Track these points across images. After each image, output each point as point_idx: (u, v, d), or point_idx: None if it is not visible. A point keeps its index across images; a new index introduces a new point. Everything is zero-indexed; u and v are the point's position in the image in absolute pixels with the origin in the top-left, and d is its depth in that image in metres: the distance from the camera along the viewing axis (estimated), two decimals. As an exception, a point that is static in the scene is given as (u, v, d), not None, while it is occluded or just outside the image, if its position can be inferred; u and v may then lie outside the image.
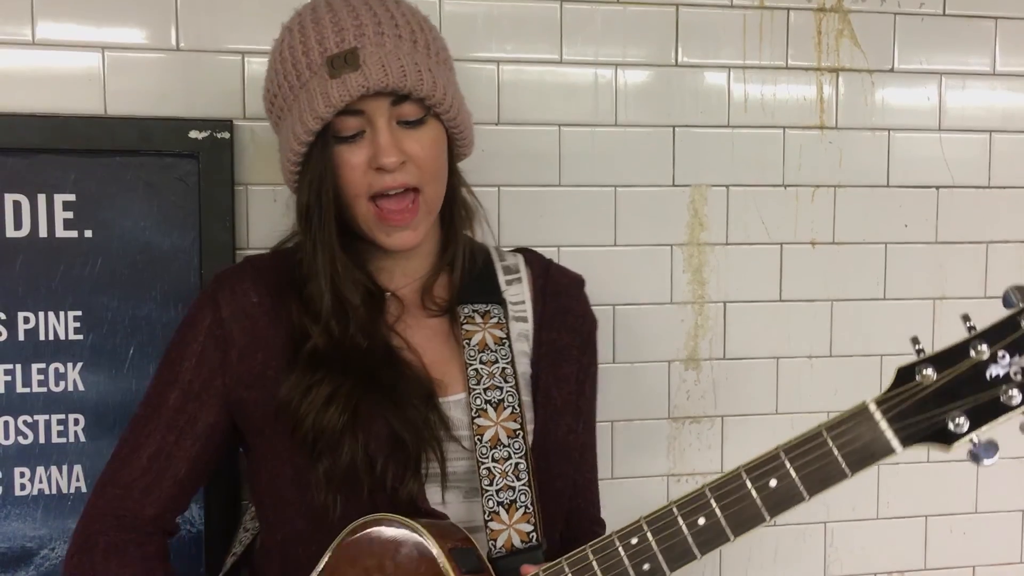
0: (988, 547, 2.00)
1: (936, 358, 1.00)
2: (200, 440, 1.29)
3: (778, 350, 1.89)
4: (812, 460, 1.02)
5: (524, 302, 1.39)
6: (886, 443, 1.00)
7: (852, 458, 1.01)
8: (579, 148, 1.78)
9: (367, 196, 1.24)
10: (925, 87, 1.91)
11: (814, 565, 1.94)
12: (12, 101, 1.57)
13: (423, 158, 1.24)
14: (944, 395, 0.99)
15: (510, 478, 1.24)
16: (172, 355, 1.31)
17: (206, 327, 1.29)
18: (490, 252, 1.43)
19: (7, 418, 1.58)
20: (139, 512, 1.27)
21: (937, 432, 0.99)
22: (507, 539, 1.22)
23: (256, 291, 1.30)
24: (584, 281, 1.47)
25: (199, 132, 1.60)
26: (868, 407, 1.01)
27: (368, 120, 1.22)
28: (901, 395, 1.00)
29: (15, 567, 1.58)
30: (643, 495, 1.62)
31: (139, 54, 1.61)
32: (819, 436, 1.03)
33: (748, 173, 1.85)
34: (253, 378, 1.27)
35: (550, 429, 1.32)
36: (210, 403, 1.28)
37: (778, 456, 1.04)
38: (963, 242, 1.94)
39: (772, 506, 1.04)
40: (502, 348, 1.31)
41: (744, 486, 1.04)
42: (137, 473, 1.27)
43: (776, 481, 1.03)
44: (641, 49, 1.79)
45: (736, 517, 1.05)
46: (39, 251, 1.57)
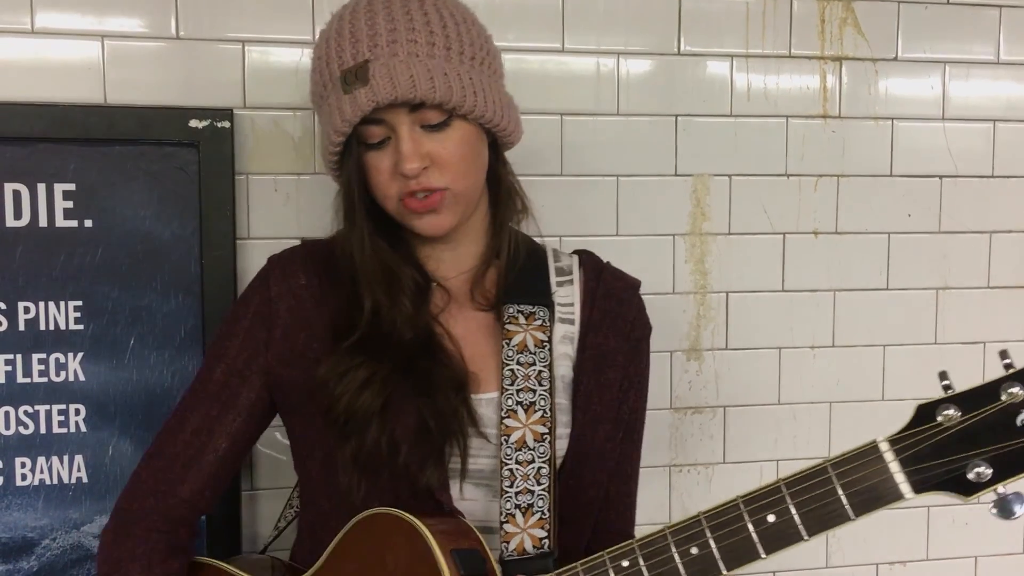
0: (990, 538, 2.00)
1: (961, 397, 0.93)
2: (241, 415, 1.30)
3: (780, 340, 1.88)
4: (814, 498, 0.97)
5: (573, 304, 1.36)
6: (895, 488, 0.95)
7: (856, 500, 0.96)
8: (581, 137, 1.77)
9: (396, 198, 1.25)
10: (929, 76, 1.90)
11: (816, 555, 1.94)
12: (11, 90, 1.56)
13: (447, 160, 1.23)
14: (967, 439, 0.91)
15: (531, 482, 1.23)
16: (222, 332, 1.34)
17: (255, 305, 1.31)
18: (547, 252, 1.41)
19: (8, 408, 1.58)
20: (177, 489, 1.28)
21: (954, 480, 0.93)
22: (519, 543, 1.21)
23: (305, 273, 1.32)
24: (639, 284, 1.43)
25: (199, 121, 1.59)
26: (879, 447, 0.96)
27: (391, 127, 1.22)
28: (917, 436, 0.94)
29: (16, 557, 1.58)
30: (645, 486, 1.60)
31: (139, 43, 1.61)
32: (824, 473, 0.97)
33: (751, 163, 1.84)
34: (294, 357, 1.28)
35: (587, 435, 1.30)
36: (252, 379, 1.30)
37: (779, 490, 0.99)
38: (966, 232, 1.93)
39: (768, 542, 1.00)
40: (542, 351, 1.29)
41: (741, 518, 1.00)
42: (180, 446, 1.30)
43: (774, 517, 0.99)
44: (643, 38, 1.79)
45: (730, 550, 1.01)
46: (39, 241, 1.57)
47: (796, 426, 1.89)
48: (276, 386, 1.31)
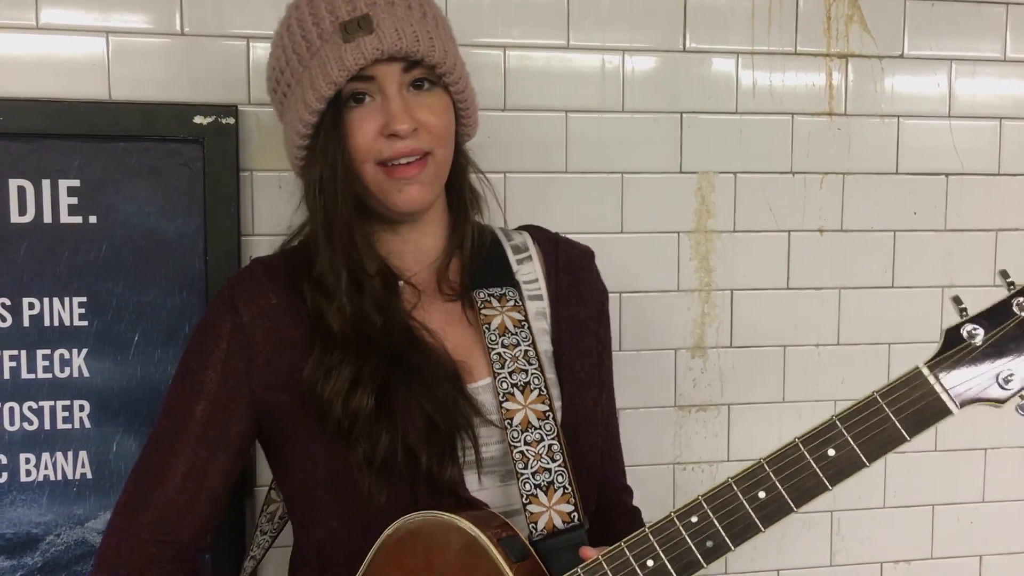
0: (995, 536, 2.00)
1: (981, 317, 1.03)
2: (233, 452, 1.25)
3: (785, 338, 1.88)
4: (870, 427, 1.04)
5: (537, 280, 1.37)
6: (943, 405, 1.03)
7: (909, 422, 1.03)
8: (586, 134, 1.77)
9: (375, 161, 1.22)
10: (935, 74, 1.89)
11: (820, 554, 1.93)
12: (16, 86, 1.56)
13: (433, 123, 1.23)
14: (994, 354, 1.01)
15: (544, 460, 1.23)
16: (192, 365, 1.26)
17: (227, 333, 1.24)
18: (496, 233, 1.41)
19: (12, 404, 1.58)
20: (178, 535, 1.23)
21: (989, 389, 1.02)
22: (548, 521, 1.21)
23: (274, 291, 1.26)
24: (593, 252, 1.44)
25: (204, 117, 1.59)
26: (922, 371, 1.03)
27: (379, 86, 1.21)
28: (952, 356, 1.02)
29: (21, 553, 1.58)
30: (649, 483, 1.61)
31: (143, 39, 1.61)
32: (874, 403, 1.04)
33: (756, 160, 1.84)
34: (282, 381, 1.24)
35: (576, 403, 1.31)
36: (238, 412, 1.24)
37: (835, 425, 1.05)
38: (972, 230, 1.93)
39: (833, 475, 1.05)
40: (522, 330, 1.29)
41: (803, 457, 1.05)
42: (172, 493, 1.22)
43: (834, 450, 1.05)
44: (648, 35, 1.78)
45: (797, 489, 1.06)
46: (44, 237, 1.57)
47: (801, 424, 1.85)
48: (265, 414, 1.26)
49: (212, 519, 1.26)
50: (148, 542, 1.22)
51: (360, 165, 1.23)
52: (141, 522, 1.22)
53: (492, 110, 1.71)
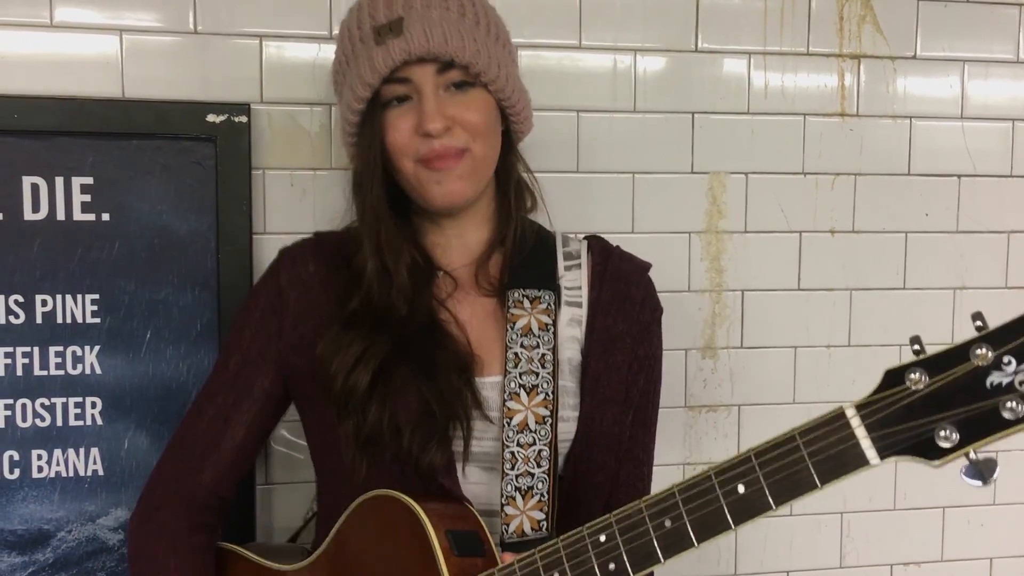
0: (1005, 539, 1.99)
1: (930, 361, 0.89)
2: (256, 404, 1.33)
3: (796, 339, 1.88)
4: (783, 467, 0.94)
5: (580, 287, 1.37)
6: (860, 454, 0.91)
7: (823, 468, 0.92)
8: (597, 134, 1.77)
9: (412, 158, 1.26)
10: (948, 75, 1.89)
11: (830, 555, 1.93)
12: (30, 84, 1.57)
13: (469, 120, 1.26)
14: (934, 403, 0.88)
15: (531, 464, 1.24)
16: (237, 322, 1.37)
17: (266, 295, 1.34)
18: (556, 238, 1.42)
19: (25, 401, 1.58)
20: (198, 475, 1.32)
21: (921, 445, 0.89)
22: (519, 525, 1.22)
23: (314, 261, 1.34)
24: (649, 267, 1.42)
25: (216, 116, 1.59)
26: (845, 412, 0.92)
27: (415, 88, 1.24)
28: (884, 400, 0.90)
29: (32, 549, 1.59)
30: (659, 483, 1.59)
31: (157, 37, 1.61)
32: (792, 441, 0.94)
33: (767, 161, 1.83)
34: (305, 345, 1.30)
35: (595, 418, 1.30)
36: (265, 368, 1.32)
37: (749, 460, 0.96)
38: (984, 231, 1.92)
39: (737, 513, 0.97)
40: (546, 334, 1.29)
41: (713, 490, 0.98)
42: (199, 435, 1.33)
43: (744, 487, 0.96)
44: (660, 35, 1.78)
45: (701, 522, 0.98)
46: (57, 234, 1.57)
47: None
48: (290, 375, 1.33)
49: (233, 466, 1.35)
50: (171, 477, 1.34)
51: (399, 160, 1.27)
52: (171, 456, 1.35)
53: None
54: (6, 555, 1.58)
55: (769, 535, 1.89)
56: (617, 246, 1.44)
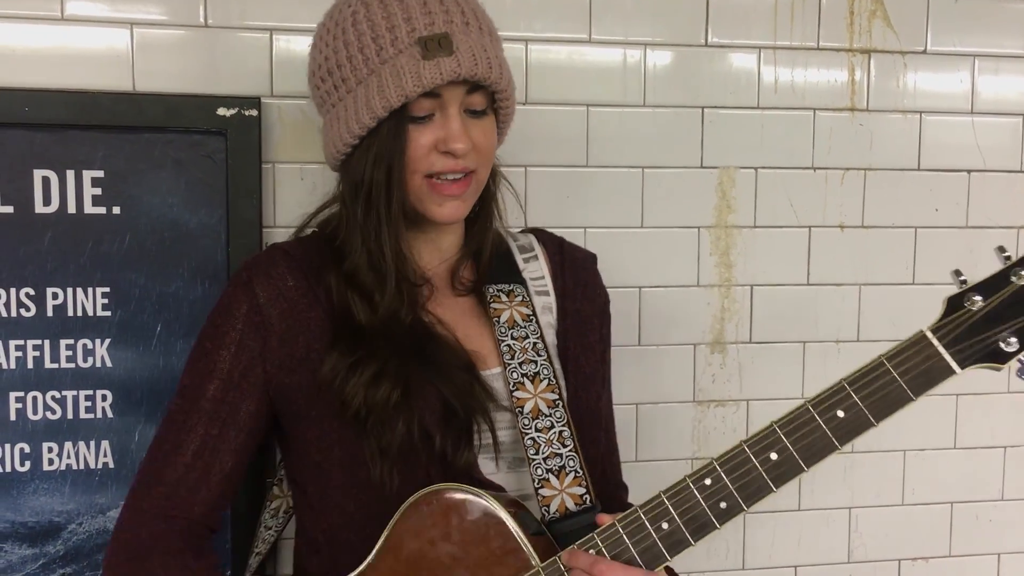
0: (1013, 535, 1.99)
1: (981, 286, 1.08)
2: (244, 431, 1.27)
3: (805, 334, 1.88)
4: (877, 388, 1.08)
5: (543, 276, 1.41)
6: (946, 365, 1.07)
7: (915, 382, 1.07)
8: (607, 129, 1.77)
9: (424, 174, 1.25)
10: (958, 70, 1.89)
11: (838, 550, 1.93)
12: (42, 77, 1.57)
13: (484, 146, 1.28)
14: (993, 319, 1.07)
15: (556, 446, 1.27)
16: (207, 345, 1.28)
17: (243, 314, 1.27)
18: (502, 234, 1.45)
19: (36, 393, 1.59)
20: (188, 512, 1.26)
21: (991, 353, 1.07)
22: (560, 503, 1.25)
23: (292, 275, 1.29)
24: (596, 257, 1.49)
25: (227, 109, 1.59)
26: (926, 335, 1.08)
27: (441, 104, 1.24)
28: (954, 321, 1.08)
29: (43, 541, 1.60)
30: (667, 478, 1.59)
31: (167, 31, 1.61)
32: (881, 366, 1.08)
33: (777, 155, 1.83)
34: (296, 362, 1.26)
35: (580, 396, 1.36)
36: (251, 392, 1.27)
37: (843, 388, 1.09)
38: (994, 227, 1.92)
39: (842, 435, 1.09)
40: (530, 324, 1.34)
41: (813, 419, 1.09)
42: (182, 470, 1.25)
43: (843, 412, 1.08)
44: (670, 29, 1.78)
45: (808, 449, 1.09)
46: (68, 227, 1.58)
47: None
48: (279, 395, 1.28)
49: (223, 497, 1.29)
50: (158, 517, 1.25)
51: (410, 175, 1.25)
52: (152, 497, 1.26)
53: (513, 104, 1.71)
54: (17, 547, 1.59)
55: (777, 530, 1.90)
56: (562, 237, 1.49)
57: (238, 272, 1.32)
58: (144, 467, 1.29)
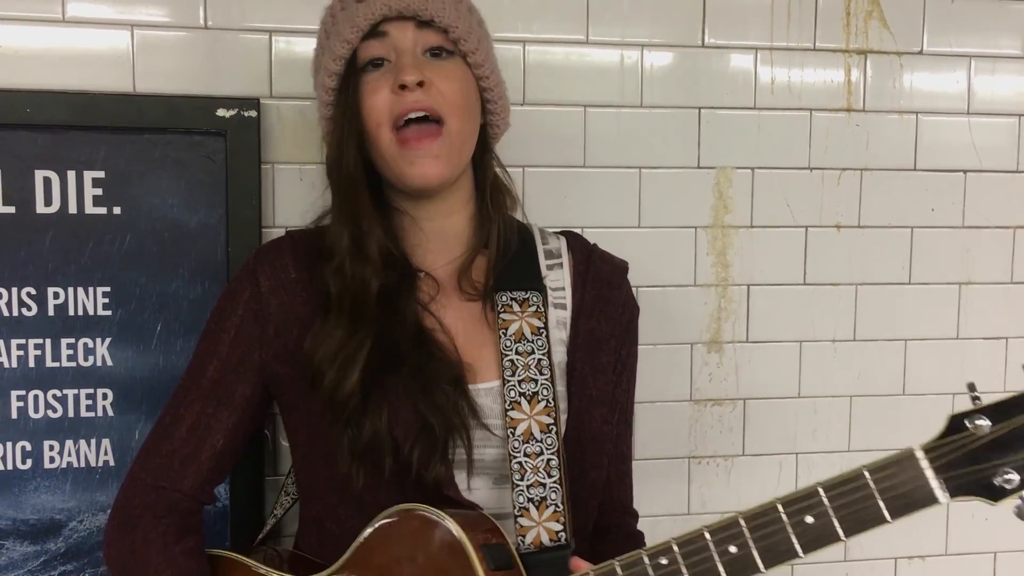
0: (1010, 533, 1.99)
1: (992, 408, 0.97)
2: (237, 411, 1.31)
3: (802, 334, 1.88)
4: (853, 502, 1.00)
5: (563, 288, 1.37)
6: (930, 492, 0.98)
7: (894, 504, 0.99)
8: (604, 129, 1.78)
9: (390, 124, 1.24)
10: (954, 70, 1.89)
11: (835, 549, 1.91)
12: (43, 78, 1.58)
13: (446, 88, 1.25)
14: (996, 448, 0.96)
15: (541, 474, 1.23)
16: (212, 327, 1.33)
17: (245, 300, 1.31)
18: (534, 234, 1.41)
19: (37, 392, 1.60)
20: (178, 484, 1.29)
21: (985, 487, 0.97)
22: (536, 536, 1.22)
23: (295, 266, 1.31)
24: (627, 267, 1.45)
25: (227, 110, 1.61)
26: (915, 454, 0.99)
27: (392, 44, 1.24)
28: (951, 444, 0.97)
29: (44, 538, 1.61)
30: (664, 476, 1.62)
31: (167, 32, 1.62)
32: (861, 477, 1.00)
33: (774, 156, 1.84)
34: (289, 354, 1.28)
35: (584, 420, 1.31)
36: (246, 375, 1.30)
37: (816, 493, 1.01)
38: (990, 227, 1.93)
39: (807, 543, 1.01)
40: (539, 338, 1.29)
41: (780, 519, 1.02)
42: (177, 443, 1.30)
43: (813, 519, 1.01)
44: (667, 30, 1.79)
45: (769, 550, 1.02)
46: (69, 227, 1.59)
47: (816, 420, 1.90)
48: (273, 383, 1.31)
49: (213, 472, 1.32)
50: (150, 487, 1.30)
51: (375, 130, 1.25)
52: (147, 468, 1.31)
53: (511, 105, 1.71)
54: (19, 544, 1.60)
55: None
56: (595, 244, 1.44)
57: (248, 259, 1.36)
58: (148, 436, 1.34)
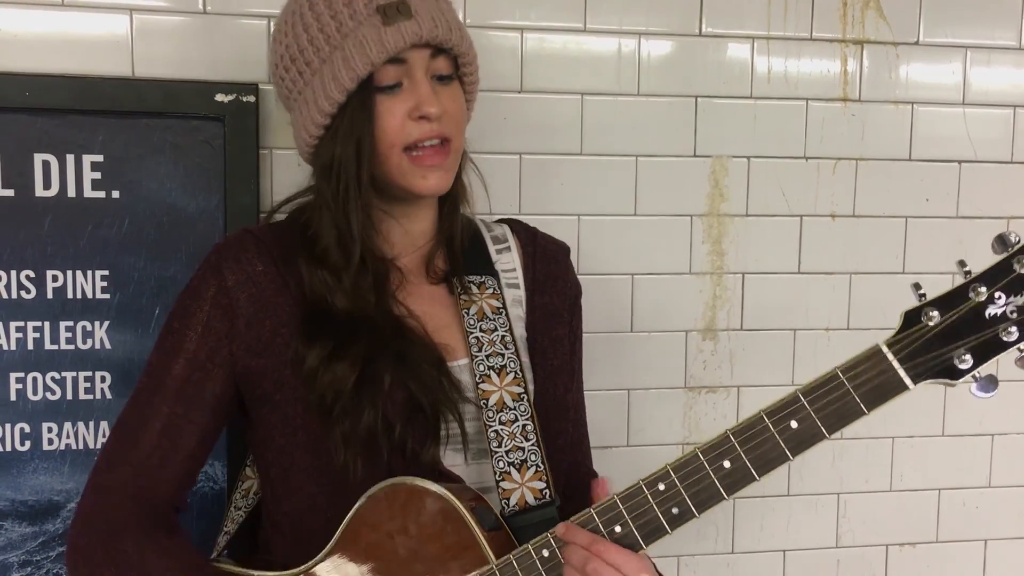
0: (1000, 521, 2.02)
1: (939, 301, 1.08)
2: (208, 411, 1.29)
3: (795, 322, 1.90)
4: (831, 401, 1.08)
5: (515, 269, 1.43)
6: (899, 380, 1.07)
7: (868, 396, 1.08)
8: (601, 117, 1.79)
9: (401, 147, 1.26)
10: (950, 61, 1.90)
11: (827, 535, 1.95)
12: (43, 62, 1.59)
13: (453, 111, 1.29)
14: (949, 335, 1.06)
15: (518, 439, 1.28)
16: (174, 325, 1.30)
17: (211, 296, 1.28)
18: (478, 224, 1.46)
19: (36, 374, 1.61)
20: (154, 492, 1.27)
21: (945, 369, 1.06)
22: (520, 497, 1.26)
23: (260, 259, 1.31)
24: (569, 249, 1.50)
25: (225, 95, 1.61)
26: (881, 349, 1.08)
27: (407, 71, 1.26)
28: (910, 336, 1.08)
29: (43, 519, 1.62)
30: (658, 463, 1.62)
31: (166, 17, 1.63)
32: (836, 378, 1.09)
33: (770, 145, 1.85)
34: (263, 346, 1.28)
35: (548, 389, 1.37)
36: (216, 372, 1.28)
37: (797, 399, 1.09)
38: (984, 217, 1.94)
39: (794, 446, 1.09)
40: (499, 317, 1.35)
41: (767, 429, 1.10)
42: (148, 449, 1.27)
43: (797, 423, 1.09)
44: (665, 19, 1.79)
45: (760, 458, 1.10)
46: (67, 211, 1.59)
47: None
48: (244, 378, 1.29)
49: (188, 476, 1.31)
50: (125, 497, 1.26)
51: (387, 150, 1.26)
52: (119, 479, 1.27)
53: (508, 92, 1.73)
54: (17, 525, 1.61)
55: (766, 514, 1.92)
56: (536, 228, 1.49)
57: (208, 256, 1.33)
58: (108, 446, 1.30)
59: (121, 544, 1.23)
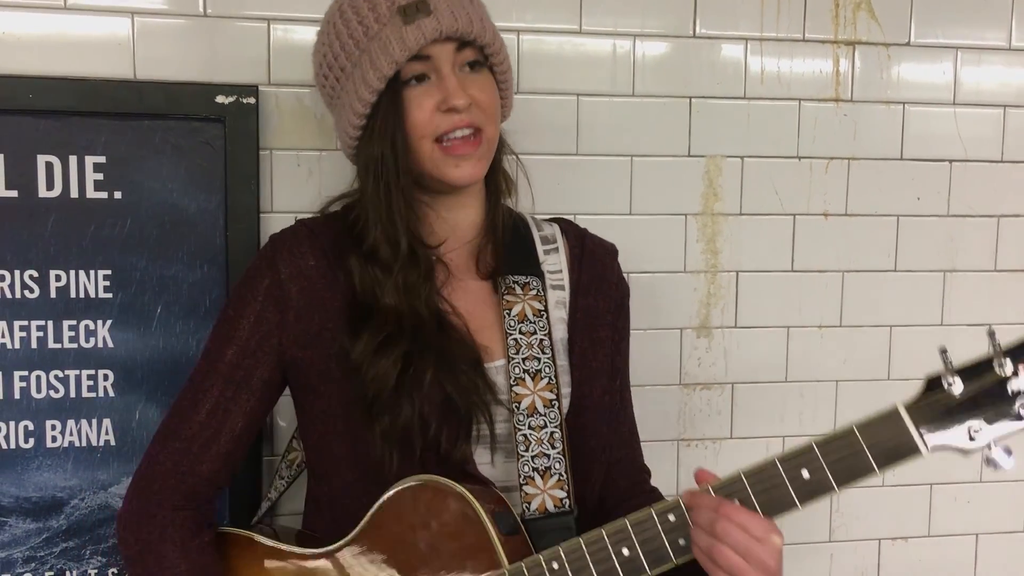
0: (992, 516, 2.03)
1: (964, 371, 1.08)
2: (255, 395, 1.34)
3: (789, 319, 1.92)
4: (844, 456, 1.10)
5: (561, 271, 1.44)
6: (914, 445, 1.08)
7: (881, 457, 1.09)
8: (597, 118, 1.80)
9: (432, 138, 1.30)
10: (941, 61, 1.92)
11: (820, 530, 1.98)
12: (45, 65, 1.60)
13: (484, 100, 1.32)
14: (968, 407, 1.07)
15: (545, 446, 1.30)
16: (230, 313, 1.36)
17: (265, 287, 1.33)
18: (528, 222, 1.48)
19: (39, 373, 1.63)
20: (197, 468, 1.32)
21: (960, 437, 1.08)
22: (541, 503, 1.29)
23: (313, 254, 1.35)
24: (617, 251, 1.52)
25: (225, 97, 1.63)
26: (899, 411, 1.09)
27: (434, 65, 1.29)
28: (929, 402, 1.09)
29: (46, 516, 1.64)
30: (653, 459, 1.65)
31: (167, 20, 1.65)
32: (851, 434, 1.10)
33: (763, 145, 1.87)
34: (310, 338, 1.32)
35: (585, 392, 1.39)
36: (265, 360, 1.33)
37: (811, 449, 1.11)
38: (975, 215, 1.96)
39: (804, 496, 1.11)
40: (540, 320, 1.36)
41: (779, 475, 1.12)
42: (196, 427, 1.33)
43: (808, 473, 1.11)
44: (659, 20, 1.81)
45: (769, 504, 1.12)
46: (70, 211, 1.61)
47: (802, 404, 1.93)
48: (291, 367, 1.34)
49: (231, 456, 1.35)
50: (170, 472, 1.33)
51: (418, 142, 1.30)
52: (167, 451, 1.34)
53: (505, 93, 1.75)
54: (21, 521, 1.63)
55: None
56: (585, 229, 1.52)
57: (265, 247, 1.39)
58: (164, 421, 1.36)
59: (150, 526, 1.30)
